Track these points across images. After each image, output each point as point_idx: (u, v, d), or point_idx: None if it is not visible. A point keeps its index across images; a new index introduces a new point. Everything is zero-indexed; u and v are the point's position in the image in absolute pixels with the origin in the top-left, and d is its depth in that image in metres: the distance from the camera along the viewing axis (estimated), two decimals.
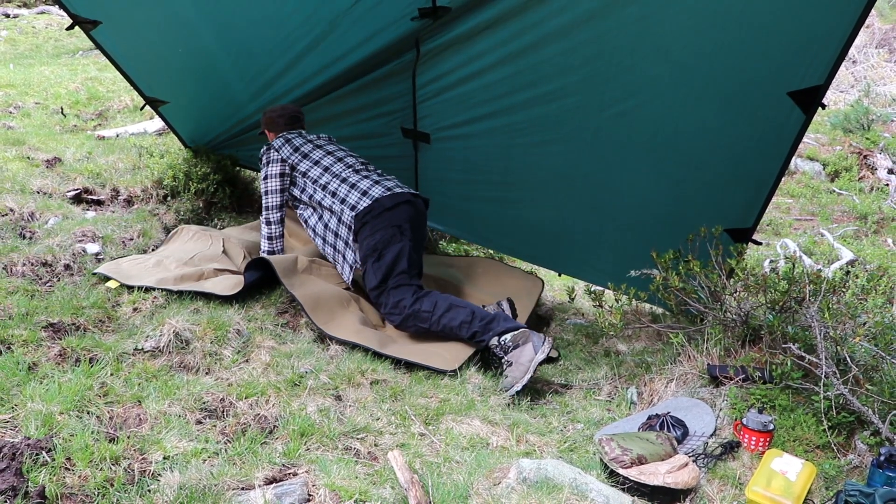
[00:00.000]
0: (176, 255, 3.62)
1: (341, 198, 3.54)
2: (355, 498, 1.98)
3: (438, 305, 3.30)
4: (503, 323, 3.27)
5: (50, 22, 12.28)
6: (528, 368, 3.09)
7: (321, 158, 3.68)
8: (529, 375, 3.08)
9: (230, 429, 2.32)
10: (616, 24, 3.09)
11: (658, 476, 2.18)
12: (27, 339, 2.60)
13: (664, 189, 3.69)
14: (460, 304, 3.35)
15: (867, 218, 8.45)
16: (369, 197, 3.49)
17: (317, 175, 3.63)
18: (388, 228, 3.45)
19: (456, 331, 3.27)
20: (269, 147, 3.74)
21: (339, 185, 3.57)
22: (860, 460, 2.34)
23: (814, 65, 2.81)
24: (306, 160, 3.67)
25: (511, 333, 3.20)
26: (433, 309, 3.30)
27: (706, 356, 3.01)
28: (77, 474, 1.90)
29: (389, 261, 3.41)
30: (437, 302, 3.32)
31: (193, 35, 3.86)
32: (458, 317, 3.28)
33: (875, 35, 14.21)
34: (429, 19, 3.54)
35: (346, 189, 3.55)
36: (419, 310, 3.30)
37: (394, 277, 3.41)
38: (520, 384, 3.06)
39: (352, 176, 3.60)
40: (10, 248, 3.34)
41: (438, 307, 3.30)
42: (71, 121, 6.24)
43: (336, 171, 3.63)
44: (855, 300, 2.79)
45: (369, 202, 3.47)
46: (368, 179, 3.59)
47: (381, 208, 3.47)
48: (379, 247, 3.43)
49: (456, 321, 3.27)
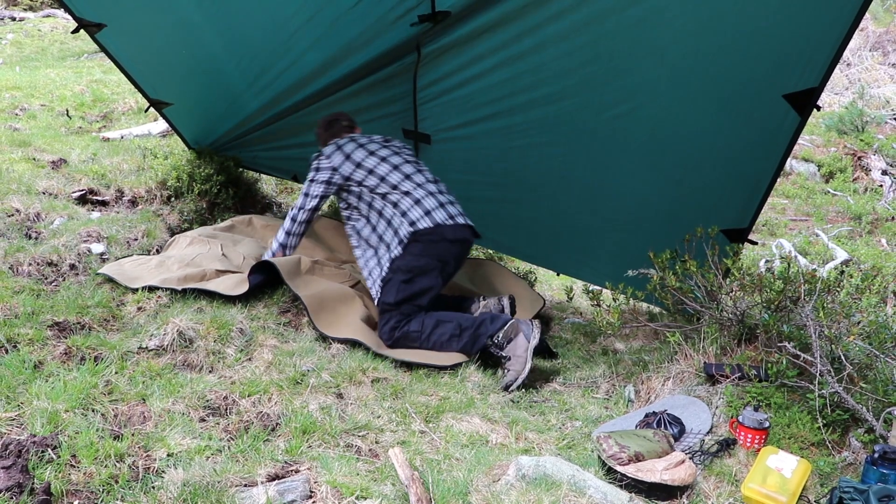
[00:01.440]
0: (177, 256, 3.64)
1: (402, 211, 3.45)
2: (356, 494, 1.99)
3: (426, 324, 3.31)
4: (490, 326, 3.30)
5: (55, 25, 12.34)
6: (526, 358, 3.16)
7: (376, 167, 3.54)
8: (529, 365, 3.15)
9: (233, 426, 2.33)
10: (614, 28, 3.11)
11: (655, 473, 2.20)
12: (33, 337, 2.62)
13: (661, 190, 3.71)
14: (446, 319, 3.35)
15: (861, 218, 8.48)
16: (431, 219, 3.41)
17: (373, 184, 3.50)
18: (433, 259, 3.41)
19: (446, 346, 3.31)
20: (321, 154, 3.63)
21: (401, 198, 3.47)
22: (854, 457, 2.36)
23: (809, 67, 2.83)
24: (360, 169, 3.53)
25: (502, 330, 3.26)
26: (421, 328, 3.31)
27: (702, 355, 3.03)
28: (82, 471, 1.91)
29: (416, 290, 3.37)
30: (423, 321, 3.32)
31: (197, 37, 3.89)
32: (447, 332, 3.30)
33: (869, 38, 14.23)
34: (429, 23, 3.57)
35: (408, 203, 3.45)
36: (408, 331, 3.31)
37: (409, 306, 3.36)
38: (522, 376, 3.14)
39: (414, 190, 3.49)
40: (16, 248, 3.37)
41: (426, 326, 3.31)
42: (76, 123, 6.27)
43: (394, 181, 3.51)
44: (849, 299, 2.81)
45: (430, 225, 3.39)
46: (432, 198, 3.49)
47: (438, 237, 3.41)
48: (415, 271, 3.38)
49: (445, 336, 3.29)
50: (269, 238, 4.27)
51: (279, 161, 4.95)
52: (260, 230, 4.37)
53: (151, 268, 3.43)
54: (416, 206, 3.45)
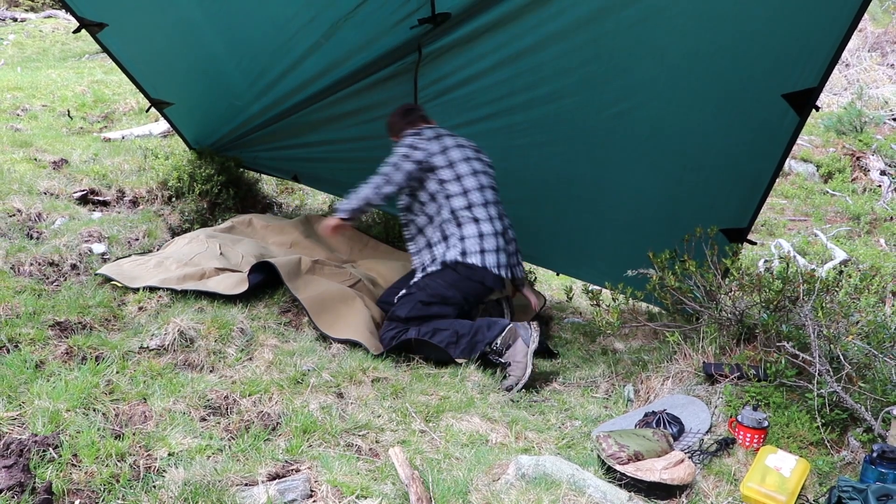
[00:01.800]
0: (175, 256, 3.64)
1: (461, 236, 3.41)
2: (357, 494, 2.00)
3: (422, 333, 3.27)
4: (488, 333, 3.27)
5: (57, 26, 12.38)
6: (526, 364, 3.16)
7: (465, 176, 3.46)
8: (529, 370, 3.15)
9: (234, 426, 2.34)
10: (614, 27, 3.12)
11: (654, 472, 2.20)
12: (34, 337, 2.63)
13: (661, 189, 3.73)
14: (443, 327, 3.30)
15: (860, 218, 8.49)
16: (479, 259, 3.39)
17: (455, 192, 3.43)
18: (460, 293, 3.40)
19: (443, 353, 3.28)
20: (419, 133, 3.45)
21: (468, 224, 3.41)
22: (853, 457, 2.36)
23: (808, 68, 2.85)
24: (450, 170, 3.44)
25: (500, 336, 3.24)
26: (419, 335, 3.27)
27: (702, 354, 3.03)
28: (83, 470, 1.92)
29: (430, 314, 3.35)
30: (420, 330, 3.29)
31: (198, 37, 3.90)
32: (444, 339, 3.25)
33: (868, 39, 14.25)
34: (429, 24, 3.58)
35: (471, 231, 3.41)
36: (405, 340, 3.27)
37: (417, 326, 3.32)
38: (522, 381, 3.14)
39: (484, 223, 3.43)
40: (17, 248, 3.38)
41: (423, 335, 3.27)
42: (77, 123, 6.29)
43: (473, 201, 3.44)
44: (848, 299, 2.82)
45: (476, 262, 3.38)
46: (493, 239, 3.43)
47: (477, 278, 3.40)
48: (438, 299, 3.36)
49: (442, 344, 3.24)
50: (269, 238, 4.29)
51: (280, 161, 4.96)
52: (260, 231, 4.38)
53: (150, 268, 3.43)
54: (476, 240, 3.40)
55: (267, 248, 4.14)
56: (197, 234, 3.97)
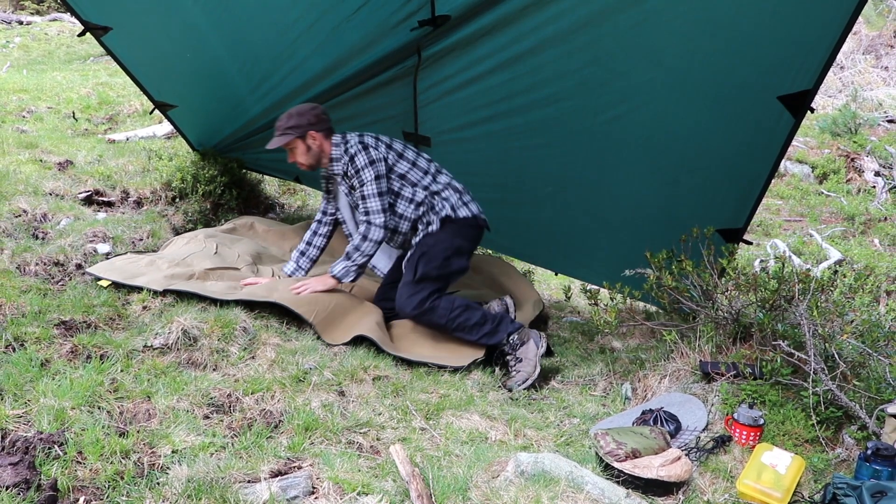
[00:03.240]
0: (169, 256, 3.62)
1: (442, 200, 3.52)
2: (358, 490, 2.01)
3: (456, 304, 3.38)
4: (509, 325, 3.42)
5: (62, 29, 12.43)
6: (535, 363, 3.28)
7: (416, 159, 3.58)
8: (539, 369, 3.27)
9: (237, 423, 2.36)
10: (611, 30, 3.14)
11: (652, 469, 2.22)
12: (40, 336, 2.64)
13: (658, 190, 3.74)
14: (474, 307, 3.44)
15: (854, 219, 8.51)
16: (469, 210, 3.54)
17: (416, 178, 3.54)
18: (466, 241, 3.54)
19: (468, 331, 3.36)
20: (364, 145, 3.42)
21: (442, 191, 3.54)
22: (848, 454, 2.38)
23: (803, 70, 2.86)
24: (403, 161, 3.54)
25: (517, 332, 3.37)
26: (451, 307, 3.37)
27: (698, 353, 3.06)
28: (88, 467, 1.93)
29: (452, 271, 3.49)
30: (454, 301, 3.40)
31: (202, 40, 3.93)
32: (473, 318, 3.37)
33: (862, 41, 14.28)
34: (429, 27, 3.60)
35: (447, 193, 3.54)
36: (437, 307, 3.36)
37: (438, 282, 3.43)
38: (531, 379, 3.24)
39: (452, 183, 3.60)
40: (23, 248, 3.40)
41: (456, 306, 3.38)
42: (82, 125, 6.32)
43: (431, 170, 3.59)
44: (843, 299, 2.84)
45: (469, 215, 3.52)
46: (466, 192, 3.62)
47: (478, 226, 3.58)
48: (453, 252, 3.45)
49: (471, 321, 3.36)
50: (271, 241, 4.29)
51: (282, 163, 4.96)
52: (261, 234, 4.39)
53: (141, 266, 3.40)
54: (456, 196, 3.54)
55: (267, 248, 4.16)
56: (196, 234, 3.98)
